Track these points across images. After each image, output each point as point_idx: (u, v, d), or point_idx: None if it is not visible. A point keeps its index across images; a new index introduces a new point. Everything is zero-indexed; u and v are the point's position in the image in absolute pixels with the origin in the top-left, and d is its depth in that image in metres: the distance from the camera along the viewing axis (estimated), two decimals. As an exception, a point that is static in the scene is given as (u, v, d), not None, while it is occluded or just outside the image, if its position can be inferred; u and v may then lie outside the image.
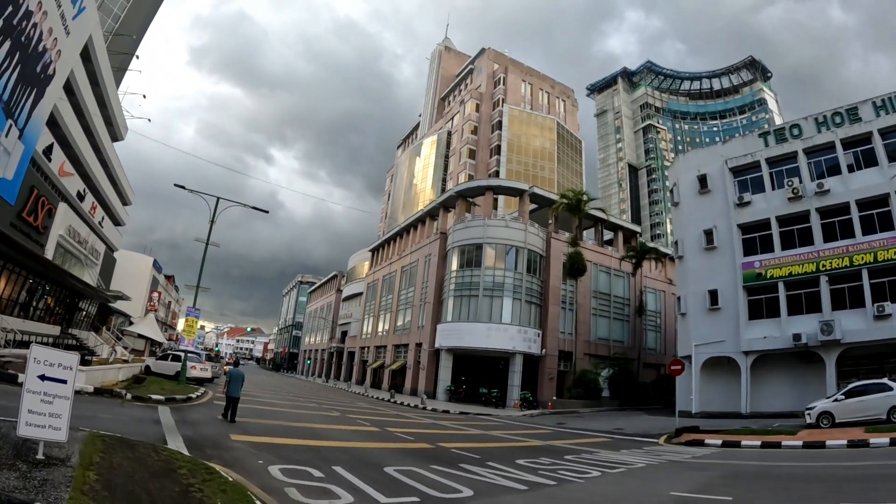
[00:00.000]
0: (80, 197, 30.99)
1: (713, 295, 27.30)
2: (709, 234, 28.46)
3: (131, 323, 48.62)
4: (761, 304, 26.08)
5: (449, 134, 69.50)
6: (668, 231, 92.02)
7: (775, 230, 26.22)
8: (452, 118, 71.21)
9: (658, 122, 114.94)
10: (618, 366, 36.82)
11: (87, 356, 14.33)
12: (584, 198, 37.79)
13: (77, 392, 10.88)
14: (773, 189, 26.91)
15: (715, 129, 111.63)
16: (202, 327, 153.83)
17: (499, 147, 61.71)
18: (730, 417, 23.77)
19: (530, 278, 37.32)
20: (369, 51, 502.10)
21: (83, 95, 28.23)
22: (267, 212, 24.83)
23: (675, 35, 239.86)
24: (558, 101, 72.16)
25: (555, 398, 33.06)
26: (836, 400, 17.71)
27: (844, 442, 14.05)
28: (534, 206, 41.45)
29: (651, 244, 50.91)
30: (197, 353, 22.16)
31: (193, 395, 18.39)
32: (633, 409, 33.48)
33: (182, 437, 9.53)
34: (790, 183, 26.05)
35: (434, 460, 10.54)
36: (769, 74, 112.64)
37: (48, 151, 24.80)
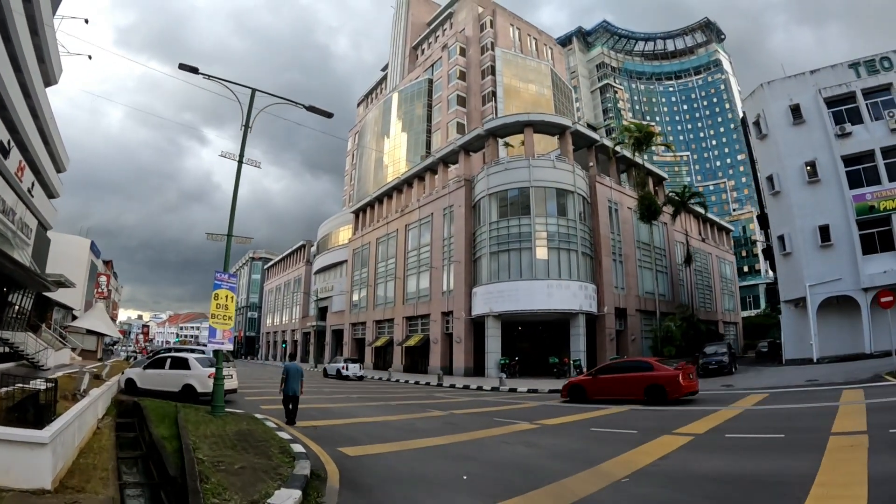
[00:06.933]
0: (4, 151, 21.39)
1: (824, 231, 25.86)
2: (811, 167, 26.91)
3: (75, 317, 38.18)
4: (873, 238, 25.05)
5: (430, 82, 63.92)
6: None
7: (880, 162, 25.35)
8: (432, 65, 65.41)
9: (615, 82, 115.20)
10: (683, 320, 34.51)
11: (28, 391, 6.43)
12: (653, 131, 34.95)
13: None
14: (872, 120, 25.96)
15: (671, 89, 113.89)
16: (139, 316, 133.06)
17: (493, 93, 57.16)
18: (856, 360, 22.56)
19: (583, 227, 34.28)
20: (303, 24, 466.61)
21: (9, 3, 19.69)
22: (331, 115, 14.96)
23: (606, 7, 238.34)
24: (546, 49, 68.66)
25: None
26: None
27: None
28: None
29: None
30: (201, 352, 12.79)
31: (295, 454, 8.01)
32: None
33: None
34: (891, 114, 25.28)
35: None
36: (723, 36, 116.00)
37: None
